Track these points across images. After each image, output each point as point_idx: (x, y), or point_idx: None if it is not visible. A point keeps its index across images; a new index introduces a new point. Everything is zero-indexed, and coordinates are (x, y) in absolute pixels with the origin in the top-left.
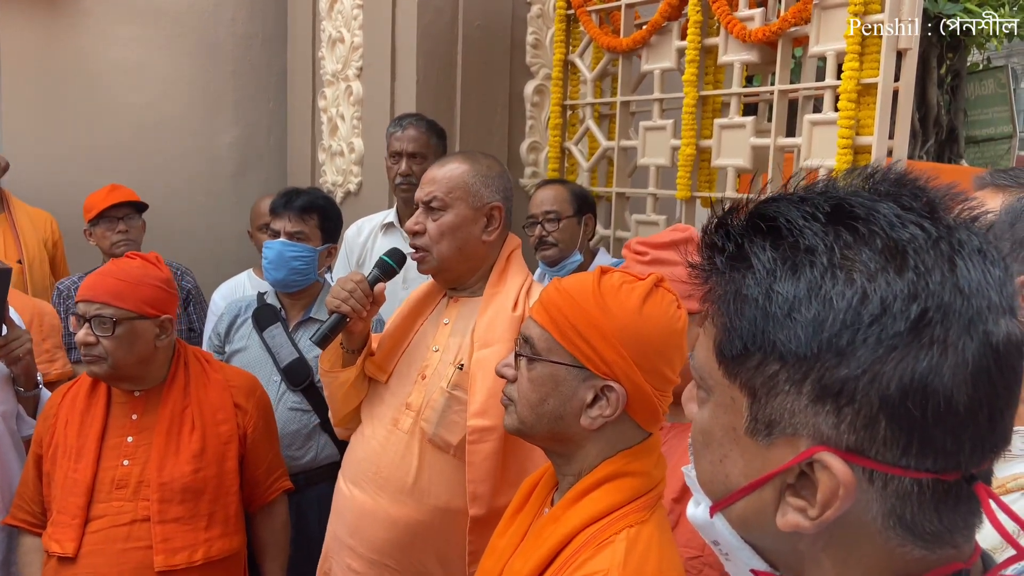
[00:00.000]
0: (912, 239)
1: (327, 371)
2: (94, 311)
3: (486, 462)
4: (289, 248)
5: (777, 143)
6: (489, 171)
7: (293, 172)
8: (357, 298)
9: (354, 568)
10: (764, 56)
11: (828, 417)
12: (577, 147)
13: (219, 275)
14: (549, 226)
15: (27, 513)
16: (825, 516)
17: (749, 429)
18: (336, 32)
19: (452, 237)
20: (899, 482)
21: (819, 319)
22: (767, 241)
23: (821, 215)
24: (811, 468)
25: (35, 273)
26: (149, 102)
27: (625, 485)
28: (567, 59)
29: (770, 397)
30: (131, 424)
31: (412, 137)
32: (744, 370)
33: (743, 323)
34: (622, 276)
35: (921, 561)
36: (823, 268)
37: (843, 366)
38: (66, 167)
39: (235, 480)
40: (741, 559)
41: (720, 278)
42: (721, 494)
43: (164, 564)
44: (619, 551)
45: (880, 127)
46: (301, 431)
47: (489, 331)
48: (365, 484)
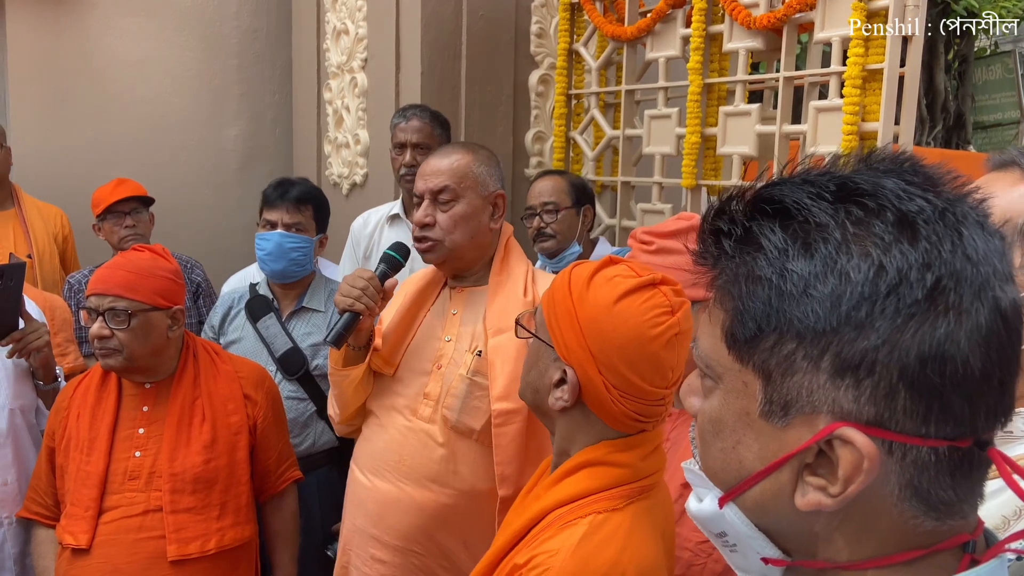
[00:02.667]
0: (921, 210)
1: (335, 370)
2: (107, 304)
3: (512, 443)
4: (288, 239)
5: (783, 130)
6: (489, 160)
7: (299, 164)
8: (370, 295)
9: (379, 557)
10: (769, 43)
11: (848, 391)
12: (582, 136)
13: (226, 267)
14: (547, 217)
15: (41, 506)
16: (848, 492)
17: (764, 412)
18: (340, 24)
19: (465, 227)
20: (917, 452)
21: (836, 293)
22: (775, 222)
23: (828, 194)
24: (830, 446)
25: (45, 268)
26: (155, 96)
27: (603, 473)
28: (571, 48)
29: (786, 377)
30: (142, 416)
31: (416, 128)
32: (758, 352)
33: (756, 304)
34: (623, 269)
35: (932, 534)
36: (837, 243)
37: (862, 338)
38: (73, 161)
39: (246, 470)
40: (752, 548)
41: (729, 262)
42: (734, 481)
43: (177, 554)
44: (576, 534)
45: (886, 113)
46: (298, 419)
47: (502, 318)
48: (388, 474)
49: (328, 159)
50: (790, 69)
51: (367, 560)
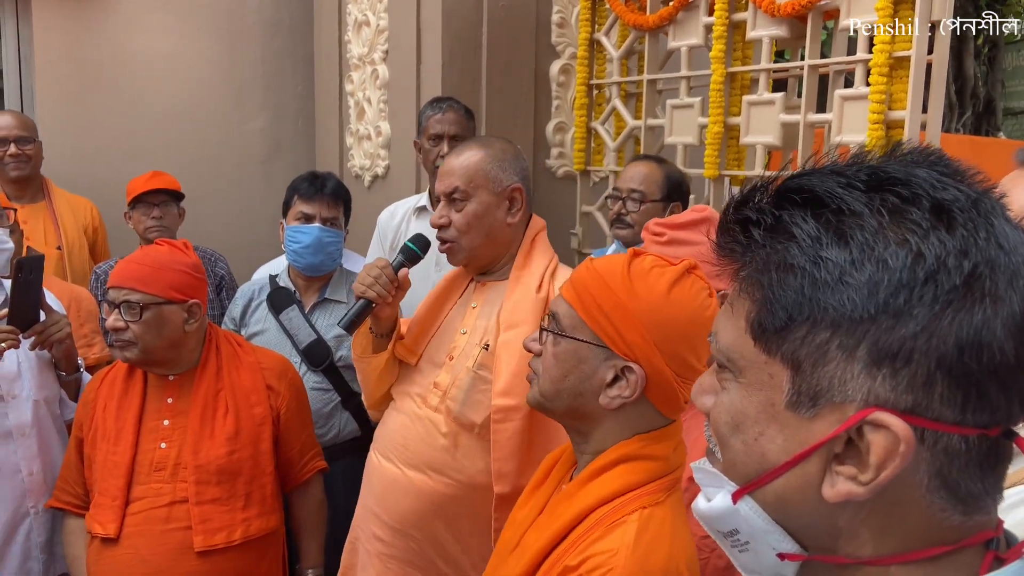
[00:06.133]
0: (956, 199)
1: (360, 356)
2: (123, 297)
3: (511, 441)
4: (327, 233)
5: (807, 119)
6: (504, 154)
7: (321, 156)
8: (382, 284)
9: (379, 536)
10: (793, 30)
11: (885, 381)
12: (604, 127)
13: (249, 259)
14: (631, 205)
15: (70, 495)
16: (881, 478)
17: (791, 403)
18: (362, 15)
19: (479, 225)
20: (948, 440)
21: (874, 280)
22: (807, 211)
23: (859, 183)
24: (859, 434)
25: (74, 260)
26: (179, 90)
27: (640, 468)
28: (593, 38)
29: (816, 367)
30: (167, 407)
31: (452, 120)
32: (788, 342)
33: (787, 293)
34: (654, 260)
35: (957, 529)
36: (873, 230)
37: (900, 326)
38: (98, 156)
39: (270, 461)
40: (767, 543)
41: (758, 252)
42: (755, 474)
43: (204, 544)
44: (630, 532)
45: (913, 101)
46: (323, 410)
47: (514, 313)
48: (394, 456)
49: (350, 151)
50: (815, 57)
51: (370, 538)
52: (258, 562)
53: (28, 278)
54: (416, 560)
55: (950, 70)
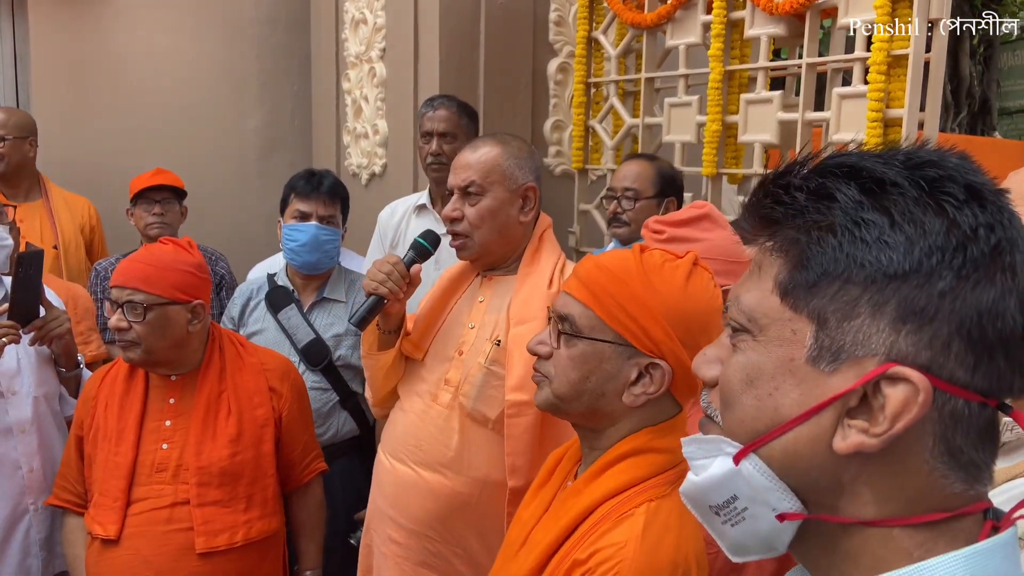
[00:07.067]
0: (984, 184)
1: (367, 354)
2: (126, 297)
3: (525, 435)
4: (324, 232)
5: (805, 117)
6: (520, 152)
7: (318, 154)
8: (394, 280)
9: (394, 539)
10: (791, 29)
11: (909, 336)
12: (601, 125)
13: (246, 257)
14: (625, 203)
15: (70, 493)
16: (895, 429)
17: (812, 357)
18: (359, 13)
19: (492, 221)
20: (955, 404)
21: (911, 240)
22: (850, 181)
23: (897, 162)
24: (875, 390)
25: (70, 258)
26: (175, 87)
27: (647, 461)
28: (591, 36)
29: (842, 322)
30: (169, 408)
31: (443, 117)
32: (817, 298)
33: (825, 250)
34: (662, 254)
35: (958, 497)
36: (914, 198)
37: (930, 285)
38: (95, 153)
39: (272, 463)
40: (768, 504)
41: (798, 214)
42: (765, 429)
43: (205, 546)
44: (638, 524)
45: (911, 100)
46: (321, 409)
47: (525, 308)
48: (406, 457)
49: (347, 149)
50: (813, 55)
51: (385, 540)
52: (259, 564)
53: (28, 273)
54: (431, 561)
55: (946, 70)
